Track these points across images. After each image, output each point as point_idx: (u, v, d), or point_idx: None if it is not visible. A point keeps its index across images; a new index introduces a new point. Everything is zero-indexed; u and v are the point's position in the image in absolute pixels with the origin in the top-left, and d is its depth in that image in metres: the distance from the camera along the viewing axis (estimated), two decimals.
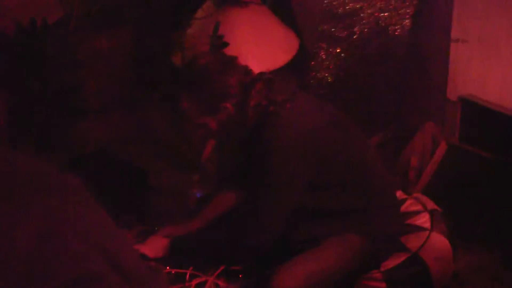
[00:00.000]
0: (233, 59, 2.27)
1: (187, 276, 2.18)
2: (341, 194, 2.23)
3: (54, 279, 0.89)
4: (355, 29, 3.20)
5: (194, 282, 2.15)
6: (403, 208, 2.46)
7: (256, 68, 2.34)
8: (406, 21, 3.16)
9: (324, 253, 2.19)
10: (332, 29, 3.22)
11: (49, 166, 1.00)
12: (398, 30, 3.16)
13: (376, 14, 3.17)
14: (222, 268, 2.20)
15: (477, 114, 3.08)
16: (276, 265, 2.13)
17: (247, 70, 2.23)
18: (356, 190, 2.25)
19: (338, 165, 2.21)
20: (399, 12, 3.16)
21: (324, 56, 3.20)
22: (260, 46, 2.87)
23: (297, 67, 2.96)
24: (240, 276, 2.23)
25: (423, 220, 2.41)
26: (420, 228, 2.39)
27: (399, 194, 2.53)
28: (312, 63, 3.21)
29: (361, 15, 3.19)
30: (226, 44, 2.71)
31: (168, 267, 2.21)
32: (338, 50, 3.19)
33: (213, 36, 2.77)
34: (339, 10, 3.21)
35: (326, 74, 3.22)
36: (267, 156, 2.13)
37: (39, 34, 2.77)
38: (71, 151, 2.86)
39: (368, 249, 2.26)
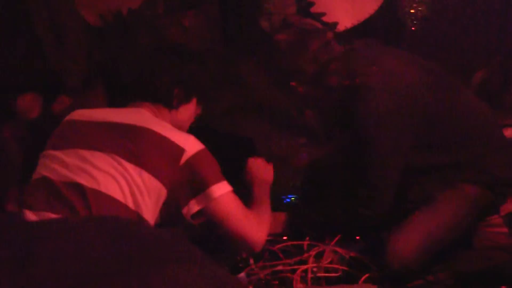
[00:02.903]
0: (319, 17, 2.23)
1: (305, 246, 2.22)
2: (448, 148, 2.18)
3: None
4: None
5: (312, 252, 2.18)
6: None
7: (347, 21, 2.28)
8: None
9: (439, 209, 2.15)
10: None
11: (168, 236, 0.99)
12: None
13: None
14: (338, 236, 2.22)
15: None
16: (392, 227, 2.12)
17: (329, 38, 2.15)
18: (463, 141, 2.19)
19: (439, 120, 2.15)
20: None
21: None
22: None
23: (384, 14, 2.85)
24: (358, 238, 2.25)
25: None
26: None
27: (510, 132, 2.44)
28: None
29: None
30: (311, 4, 2.66)
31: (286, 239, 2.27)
32: None
33: None
34: None
35: (420, 8, 3.08)
36: (365, 129, 2.10)
37: (129, 21, 2.83)
38: None
39: (485, 196, 2.21)
